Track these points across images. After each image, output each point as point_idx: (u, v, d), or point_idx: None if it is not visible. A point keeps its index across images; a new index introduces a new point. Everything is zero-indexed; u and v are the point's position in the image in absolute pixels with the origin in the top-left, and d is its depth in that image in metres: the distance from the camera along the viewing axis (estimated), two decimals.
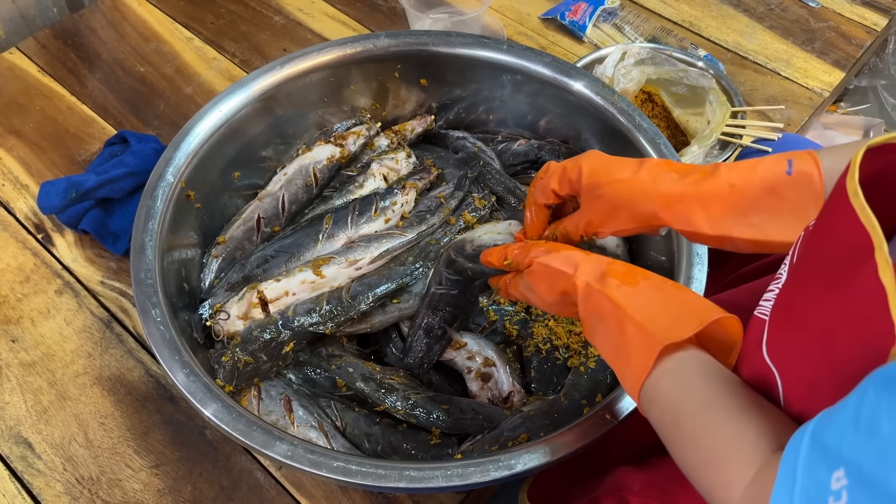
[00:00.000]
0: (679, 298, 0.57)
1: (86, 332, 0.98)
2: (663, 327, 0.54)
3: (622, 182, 0.67)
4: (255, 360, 0.82)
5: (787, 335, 0.51)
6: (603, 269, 0.62)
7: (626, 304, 0.57)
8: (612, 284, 0.59)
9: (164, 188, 0.87)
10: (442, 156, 1.07)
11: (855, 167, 0.45)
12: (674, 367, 0.52)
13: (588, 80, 0.96)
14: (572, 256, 0.65)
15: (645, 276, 0.61)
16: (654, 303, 0.56)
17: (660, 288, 0.58)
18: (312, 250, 0.92)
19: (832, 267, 0.46)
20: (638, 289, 0.58)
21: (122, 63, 1.28)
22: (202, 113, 0.93)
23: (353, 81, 1.05)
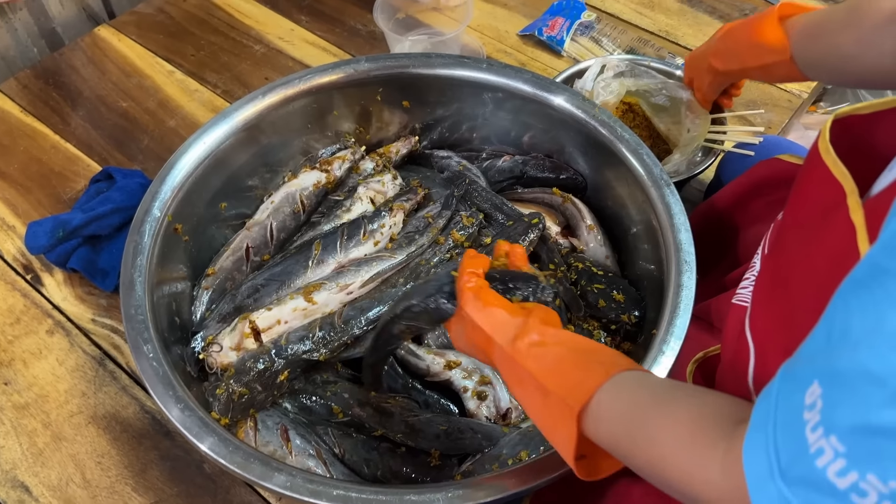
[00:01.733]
0: (584, 353, 0.57)
1: (79, 371, 0.97)
2: (574, 386, 0.53)
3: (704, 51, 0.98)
4: (249, 390, 0.82)
5: (770, 306, 0.52)
6: (516, 331, 0.60)
7: (536, 371, 0.56)
8: (522, 348, 0.59)
9: (151, 223, 0.86)
10: (428, 176, 1.07)
11: (826, 132, 0.47)
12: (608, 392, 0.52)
13: (568, 94, 0.97)
14: (497, 314, 0.63)
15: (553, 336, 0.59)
16: (562, 363, 0.56)
17: (567, 344, 0.58)
18: (303, 277, 0.92)
19: (809, 227, 0.47)
20: (546, 350, 0.57)
21: (104, 99, 1.29)
22: (186, 146, 0.93)
23: (335, 107, 1.05)
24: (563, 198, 1.01)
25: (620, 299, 0.89)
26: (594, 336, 0.89)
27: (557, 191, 1.01)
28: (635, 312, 0.88)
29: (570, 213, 1.00)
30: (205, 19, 1.41)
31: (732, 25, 0.92)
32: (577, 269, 0.94)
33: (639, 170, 0.91)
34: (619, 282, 0.92)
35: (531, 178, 1.04)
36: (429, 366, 0.89)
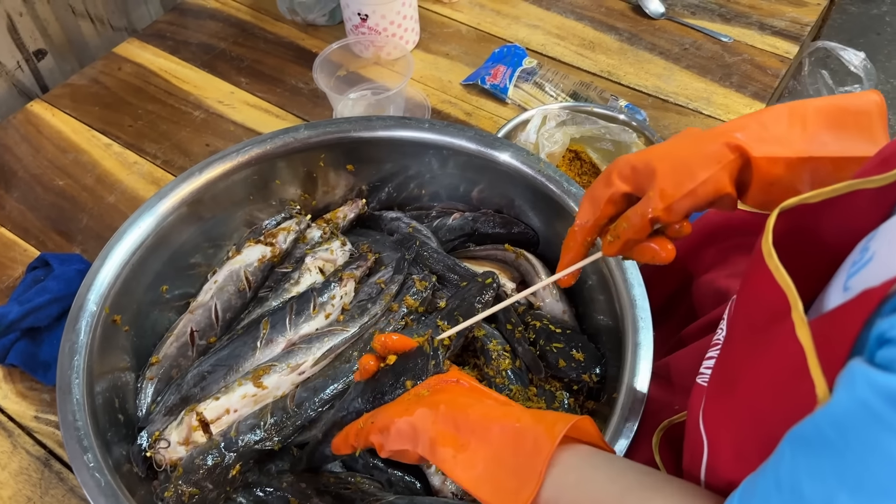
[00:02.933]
0: (511, 445, 0.52)
1: (23, 475, 0.92)
2: (509, 497, 0.50)
3: (680, 141, 0.60)
4: (200, 489, 0.78)
5: (720, 402, 0.50)
6: (431, 434, 0.56)
7: (467, 483, 0.53)
8: (447, 457, 0.55)
9: (87, 319, 0.83)
10: (378, 239, 1.04)
11: (769, 230, 0.45)
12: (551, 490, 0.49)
13: (513, 150, 0.95)
14: (403, 428, 0.59)
15: (474, 428, 0.55)
16: (490, 466, 0.52)
17: (490, 438, 0.53)
18: (251, 359, 0.88)
19: (756, 330, 0.46)
20: (472, 451, 0.54)
21: (39, 178, 1.24)
22: (121, 232, 0.89)
23: (278, 175, 1.02)
24: (515, 253, 0.99)
25: (580, 358, 0.87)
26: (557, 398, 0.87)
27: (510, 247, 1.00)
28: (596, 371, 0.86)
29: (525, 269, 0.98)
30: (141, 87, 1.38)
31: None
32: (535, 327, 0.91)
33: None
34: (578, 338, 0.90)
35: (482, 235, 1.02)
36: None
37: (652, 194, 0.58)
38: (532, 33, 1.43)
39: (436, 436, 0.56)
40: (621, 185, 0.61)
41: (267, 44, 1.46)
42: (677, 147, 0.59)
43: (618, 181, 0.61)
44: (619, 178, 0.61)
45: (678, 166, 0.57)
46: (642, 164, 0.59)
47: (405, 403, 0.61)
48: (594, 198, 0.64)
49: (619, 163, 0.62)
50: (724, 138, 0.56)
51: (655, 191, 0.58)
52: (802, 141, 0.55)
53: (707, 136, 0.58)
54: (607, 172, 0.63)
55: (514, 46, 1.36)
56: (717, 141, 0.57)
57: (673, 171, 0.57)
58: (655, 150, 0.60)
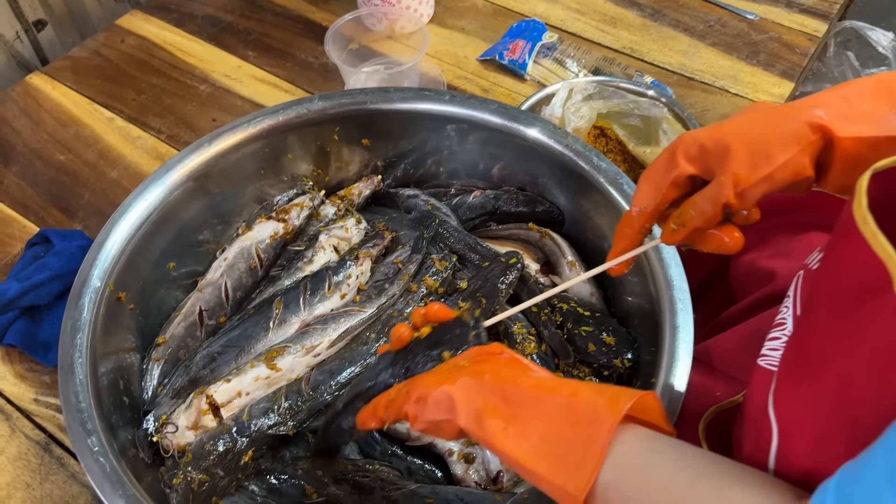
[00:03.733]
0: (568, 417, 0.47)
1: (22, 460, 0.88)
2: (571, 471, 0.45)
3: (755, 117, 0.53)
4: (210, 476, 0.73)
5: (797, 386, 0.45)
6: (477, 404, 0.51)
7: (521, 457, 0.47)
8: (497, 429, 0.49)
9: (90, 295, 0.78)
10: (394, 217, 1.00)
11: (861, 193, 0.40)
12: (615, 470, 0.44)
13: (539, 124, 0.90)
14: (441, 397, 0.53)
15: (525, 399, 0.49)
16: (547, 439, 0.47)
17: (544, 410, 0.48)
18: (264, 340, 0.84)
19: (846, 307, 0.41)
20: (524, 423, 0.48)
21: (39, 153, 1.19)
22: (126, 205, 0.85)
23: (290, 149, 0.98)
24: (540, 233, 0.94)
25: (611, 342, 0.82)
26: None
27: (534, 226, 0.95)
28: (628, 356, 0.81)
29: (549, 249, 0.94)
30: (145, 60, 1.33)
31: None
32: (562, 310, 0.87)
33: (619, 201, 0.85)
34: (607, 322, 0.85)
35: (505, 214, 0.97)
36: (408, 429, 0.81)
37: (724, 179, 0.52)
38: (551, 8, 1.38)
39: (483, 406, 0.50)
40: (687, 166, 0.55)
41: (275, 17, 1.40)
42: (752, 124, 0.52)
43: (683, 162, 0.55)
44: (684, 159, 0.55)
45: (754, 147, 0.51)
46: (713, 142, 0.53)
47: (444, 373, 0.55)
48: (655, 180, 0.57)
49: (685, 140, 0.55)
50: (804, 116, 0.50)
51: (728, 175, 0.52)
52: (893, 117, 0.50)
53: (785, 112, 0.52)
54: (670, 151, 0.56)
55: (533, 21, 1.31)
56: (797, 119, 0.50)
57: (749, 152, 0.51)
58: (726, 127, 0.53)
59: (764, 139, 0.51)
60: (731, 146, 0.52)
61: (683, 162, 0.55)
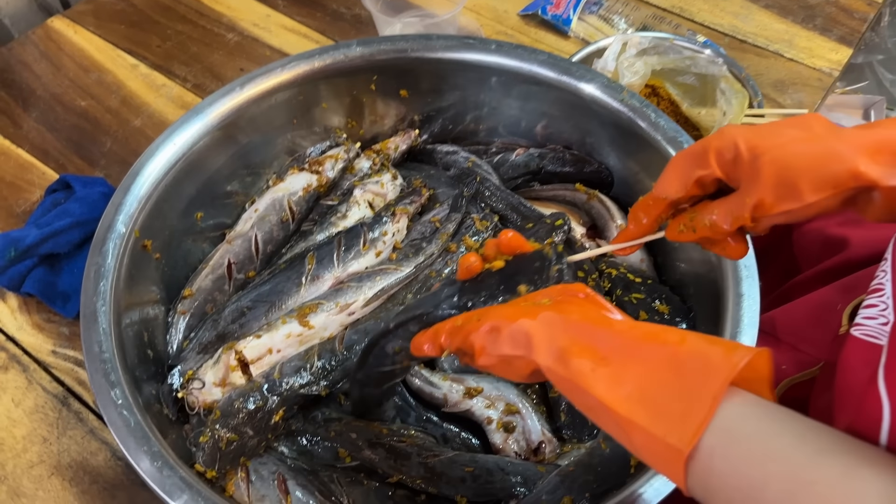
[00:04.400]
0: (672, 365, 0.41)
1: (38, 413, 0.84)
2: (674, 421, 0.39)
3: (797, 141, 0.48)
4: (239, 435, 0.69)
5: None
6: (560, 342, 0.45)
7: (613, 402, 0.41)
8: (585, 370, 0.43)
9: (114, 241, 0.73)
10: (432, 174, 0.95)
11: None
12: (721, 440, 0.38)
13: (593, 77, 0.85)
14: (519, 331, 0.47)
15: (618, 342, 0.44)
16: (646, 385, 0.41)
17: (643, 355, 0.43)
18: (296, 297, 0.79)
19: None
20: (617, 367, 0.43)
21: (60, 98, 1.15)
22: (153, 148, 0.80)
23: (323, 98, 0.92)
24: (587, 194, 0.89)
25: (664, 311, 0.77)
26: None
27: (581, 187, 0.90)
28: (682, 325, 0.76)
29: (597, 212, 0.89)
30: (170, 6, 1.27)
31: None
32: (611, 276, 0.82)
33: None
34: (659, 289, 0.80)
35: (549, 174, 0.92)
36: (446, 394, 0.77)
37: (748, 201, 0.48)
38: None
39: (568, 344, 0.45)
40: (717, 169, 0.51)
41: None
42: (793, 149, 0.47)
43: (715, 164, 0.50)
44: (716, 161, 0.50)
45: (786, 179, 0.47)
46: (749, 155, 0.48)
47: (522, 307, 0.50)
48: (682, 174, 0.53)
49: (724, 141, 0.50)
50: (850, 163, 0.45)
51: (752, 199, 0.48)
52: None
53: (831, 149, 0.46)
54: (703, 148, 0.51)
55: None
56: (841, 162, 0.45)
57: (779, 182, 0.47)
58: (768, 142, 0.48)
59: (799, 174, 0.46)
60: (763, 170, 0.47)
61: (715, 165, 0.51)
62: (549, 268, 0.54)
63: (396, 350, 0.62)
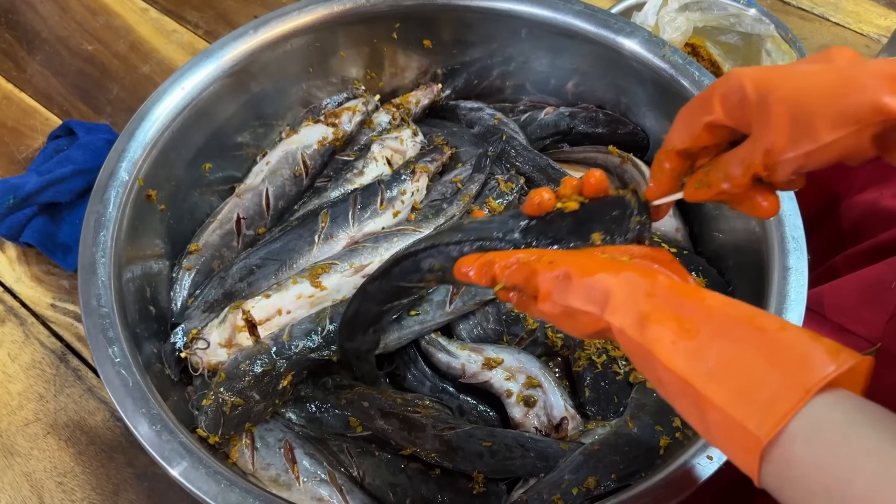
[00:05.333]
0: (766, 351, 0.37)
1: (35, 369, 0.80)
2: (757, 407, 0.36)
3: (813, 75, 0.42)
4: (244, 400, 0.65)
5: None
6: (642, 306, 0.41)
7: (692, 376, 0.38)
8: (665, 340, 0.39)
9: (117, 189, 0.69)
10: (454, 132, 0.89)
11: None
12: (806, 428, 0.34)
13: (633, 31, 0.79)
14: (595, 285, 0.43)
15: (707, 317, 0.40)
16: (732, 365, 0.37)
17: (734, 335, 0.38)
18: (307, 256, 0.75)
19: None
20: (702, 342, 0.39)
21: (66, 42, 1.09)
22: (160, 93, 0.75)
23: (341, 47, 0.87)
24: (621, 158, 0.83)
25: (701, 283, 0.72)
26: None
27: (614, 149, 0.84)
28: None
29: (631, 177, 0.83)
30: None
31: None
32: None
33: None
34: (696, 261, 0.75)
35: (581, 135, 0.86)
36: (463, 364, 0.73)
37: (758, 145, 0.43)
38: None
39: (650, 310, 0.40)
40: (722, 115, 0.45)
41: None
42: (807, 83, 0.41)
43: (719, 109, 0.45)
44: (721, 106, 0.44)
45: (799, 116, 0.41)
46: (756, 96, 0.42)
47: (602, 261, 0.45)
48: (688, 120, 0.47)
49: (729, 82, 0.44)
50: (872, 93, 0.38)
51: (762, 142, 0.42)
52: None
53: (851, 78, 0.40)
54: (709, 92, 0.46)
55: None
56: (862, 93, 0.39)
57: (791, 121, 0.41)
58: (778, 79, 0.42)
59: (813, 109, 0.40)
60: (772, 109, 0.41)
61: (719, 109, 0.45)
62: (629, 218, 0.48)
63: (434, 268, 0.55)
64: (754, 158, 0.43)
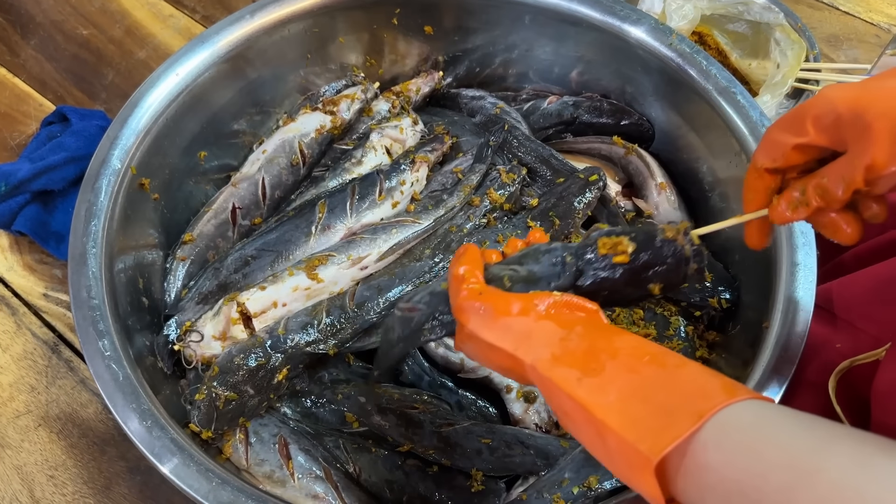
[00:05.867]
0: (665, 381, 0.40)
1: (27, 360, 0.79)
2: (650, 431, 0.37)
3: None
4: (238, 394, 0.63)
5: None
6: (554, 349, 0.44)
7: (594, 407, 0.40)
8: (571, 377, 0.42)
9: (108, 177, 0.67)
10: (455, 121, 0.88)
11: None
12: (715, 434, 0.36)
13: (639, 18, 0.77)
14: (514, 326, 0.46)
15: (613, 356, 0.42)
16: (630, 397, 0.39)
17: (635, 371, 0.41)
18: (304, 247, 0.73)
19: None
20: (605, 378, 0.41)
21: (61, 26, 1.07)
22: (154, 78, 0.73)
23: (340, 32, 0.85)
24: (625, 148, 0.82)
25: (706, 278, 0.71)
26: (671, 324, 0.71)
27: (619, 140, 0.82)
28: (725, 295, 0.70)
29: (635, 168, 0.81)
30: None
31: None
32: None
33: (730, 114, 0.72)
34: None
35: (585, 125, 0.84)
36: (462, 359, 0.71)
37: (857, 162, 0.42)
38: None
39: (561, 353, 0.43)
40: (816, 136, 0.44)
41: None
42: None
43: (813, 132, 0.44)
44: (814, 127, 0.44)
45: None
46: (851, 115, 0.42)
47: (524, 302, 0.47)
48: (777, 141, 0.47)
49: (820, 104, 0.44)
50: None
51: (863, 158, 0.42)
52: None
53: None
54: (800, 114, 0.45)
55: None
56: None
57: (893, 136, 0.40)
58: (871, 95, 0.42)
59: None
60: (872, 126, 0.41)
61: (813, 132, 0.45)
62: (686, 266, 0.47)
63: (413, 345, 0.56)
64: (855, 175, 0.42)
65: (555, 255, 0.49)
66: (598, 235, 0.49)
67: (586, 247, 0.49)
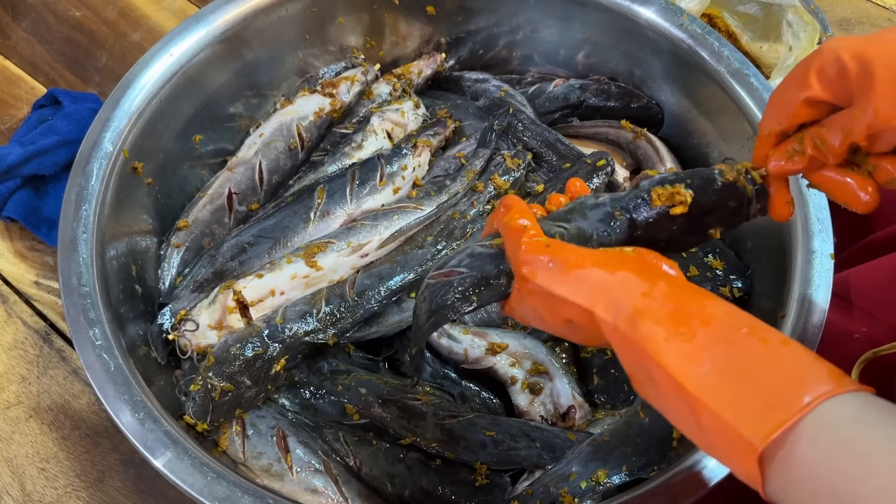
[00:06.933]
0: (766, 358, 0.36)
1: (18, 349, 0.77)
2: (753, 414, 0.34)
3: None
4: (235, 385, 0.61)
5: None
6: (636, 303, 0.40)
7: (685, 378, 0.36)
8: (657, 336, 0.38)
9: (100, 161, 0.65)
10: (458, 104, 0.85)
11: None
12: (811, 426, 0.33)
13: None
14: (589, 277, 0.42)
15: (706, 323, 0.38)
16: (728, 371, 0.36)
17: (732, 342, 0.37)
18: (303, 234, 0.71)
19: None
20: (697, 346, 0.37)
21: (52, 7, 1.05)
22: (147, 59, 0.71)
23: (340, 13, 0.83)
24: (634, 133, 0.79)
25: (717, 266, 0.69)
26: None
27: (627, 124, 0.80)
28: (738, 284, 0.68)
29: (644, 153, 0.79)
30: None
31: None
32: None
33: (742, 97, 0.70)
34: (713, 243, 0.71)
35: (592, 108, 0.82)
36: (466, 350, 0.69)
37: (860, 112, 0.40)
38: None
39: (644, 308, 0.39)
40: (820, 89, 0.42)
41: None
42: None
43: (816, 83, 0.42)
44: (818, 80, 0.42)
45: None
46: (856, 65, 0.40)
47: (597, 254, 0.43)
48: (783, 99, 0.45)
49: (824, 55, 0.42)
50: None
51: (865, 110, 0.40)
52: None
53: None
54: (804, 67, 0.44)
55: None
56: None
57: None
58: (878, 47, 0.41)
59: None
60: (875, 76, 0.39)
61: (816, 84, 0.43)
62: (747, 207, 0.45)
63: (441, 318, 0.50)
64: (854, 126, 0.41)
65: (604, 210, 0.46)
66: (651, 185, 0.46)
67: (638, 198, 0.46)
